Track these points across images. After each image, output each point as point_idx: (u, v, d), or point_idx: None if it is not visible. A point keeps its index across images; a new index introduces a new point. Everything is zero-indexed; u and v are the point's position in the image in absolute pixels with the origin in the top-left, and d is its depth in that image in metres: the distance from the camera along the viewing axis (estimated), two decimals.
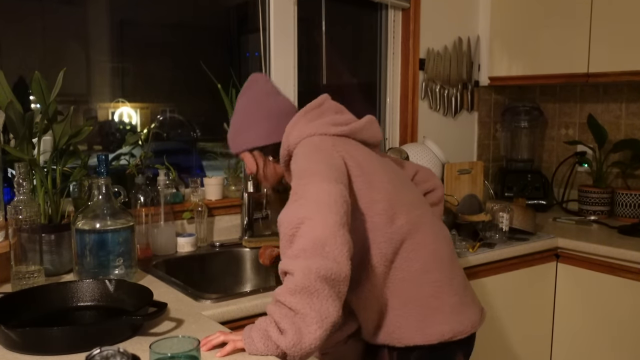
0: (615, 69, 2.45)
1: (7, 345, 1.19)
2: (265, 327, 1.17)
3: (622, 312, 2.20)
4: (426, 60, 2.79)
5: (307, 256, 1.17)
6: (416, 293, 1.45)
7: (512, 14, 2.82)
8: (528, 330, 2.35)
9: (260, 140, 1.59)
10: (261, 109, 1.60)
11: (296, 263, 1.17)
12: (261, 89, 1.63)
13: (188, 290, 1.60)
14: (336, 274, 1.17)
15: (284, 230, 1.25)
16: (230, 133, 1.64)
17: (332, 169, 1.34)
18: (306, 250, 1.18)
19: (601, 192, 2.72)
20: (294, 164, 1.43)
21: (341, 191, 1.28)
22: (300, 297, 1.15)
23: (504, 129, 3.13)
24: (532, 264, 2.31)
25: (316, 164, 1.35)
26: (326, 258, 1.17)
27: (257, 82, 1.65)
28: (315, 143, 1.44)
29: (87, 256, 1.60)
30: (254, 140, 1.59)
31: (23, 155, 1.64)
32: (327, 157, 1.38)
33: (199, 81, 2.32)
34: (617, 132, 2.84)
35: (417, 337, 1.42)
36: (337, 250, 1.18)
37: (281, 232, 1.26)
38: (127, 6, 2.21)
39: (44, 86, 1.68)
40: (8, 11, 1.95)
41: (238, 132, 1.61)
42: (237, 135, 1.61)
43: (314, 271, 1.15)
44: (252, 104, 1.61)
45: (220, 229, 2.24)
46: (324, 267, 1.15)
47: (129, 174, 2.05)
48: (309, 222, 1.21)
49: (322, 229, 1.19)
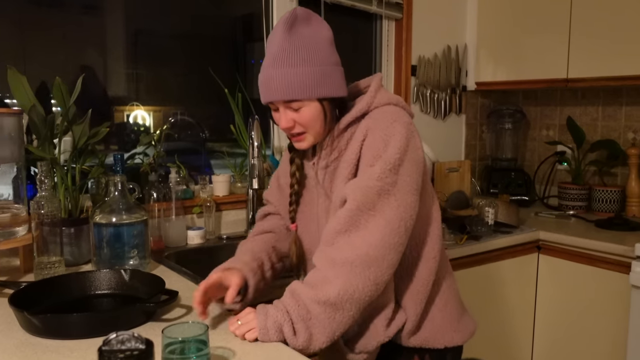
0: (592, 75, 2.44)
1: (30, 330, 1.19)
2: (281, 322, 1.11)
3: (598, 299, 2.20)
4: (417, 67, 2.78)
5: (351, 271, 1.11)
6: (451, 292, 1.37)
7: (497, 24, 2.82)
8: (511, 316, 2.35)
9: (340, 90, 1.25)
10: (334, 53, 1.25)
11: (337, 275, 1.11)
12: (327, 30, 1.26)
13: (197, 280, 1.59)
14: (369, 297, 1.13)
15: (349, 208, 1.14)
16: (295, 72, 1.19)
17: (419, 169, 1.21)
18: (352, 263, 1.11)
19: (579, 188, 2.72)
20: (386, 136, 1.18)
21: (414, 206, 1.18)
22: (325, 309, 1.10)
23: (490, 130, 3.13)
24: (515, 255, 2.31)
25: (410, 163, 1.18)
26: (367, 279, 1.11)
27: (319, 18, 1.27)
28: (409, 124, 1.21)
29: (104, 248, 1.60)
30: (336, 88, 1.24)
31: (45, 154, 1.64)
32: (418, 149, 1.21)
33: (207, 86, 2.31)
34: (594, 133, 2.84)
35: (456, 337, 1.34)
36: (380, 273, 1.12)
37: (346, 207, 1.15)
38: (142, 17, 2.21)
39: (64, 90, 1.67)
40: (33, 21, 1.94)
41: (310, 74, 1.19)
42: (307, 76, 1.19)
43: (350, 293, 1.10)
44: (326, 44, 1.23)
45: (227, 222, 2.23)
46: (361, 290, 1.11)
47: (143, 172, 2.04)
48: (369, 235, 1.13)
49: (375, 249, 1.12)
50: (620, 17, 2.33)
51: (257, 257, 1.35)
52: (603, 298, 2.18)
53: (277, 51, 1.20)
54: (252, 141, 2.04)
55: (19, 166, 1.65)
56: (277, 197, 1.50)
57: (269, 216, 1.53)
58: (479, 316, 2.22)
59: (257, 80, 1.25)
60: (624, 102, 2.73)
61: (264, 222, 1.53)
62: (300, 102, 1.21)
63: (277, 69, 1.20)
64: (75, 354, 1.09)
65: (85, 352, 1.09)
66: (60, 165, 1.69)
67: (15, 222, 1.57)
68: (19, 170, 1.66)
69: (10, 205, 1.62)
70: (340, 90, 1.25)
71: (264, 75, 1.23)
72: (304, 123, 1.24)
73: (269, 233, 1.48)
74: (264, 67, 1.24)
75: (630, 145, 2.68)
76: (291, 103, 1.22)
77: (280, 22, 1.22)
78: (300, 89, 1.19)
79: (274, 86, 1.20)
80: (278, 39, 1.21)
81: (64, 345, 1.12)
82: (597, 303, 2.20)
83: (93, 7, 2.07)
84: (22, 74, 1.63)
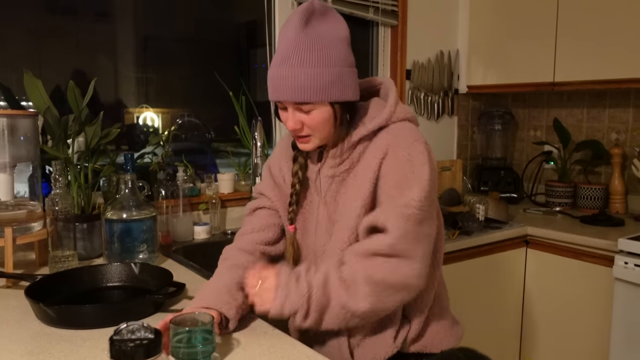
0: (578, 79, 2.44)
1: (45, 320, 1.19)
2: (296, 308, 1.05)
3: (583, 291, 2.20)
4: (412, 71, 2.78)
5: (385, 293, 1.06)
6: (446, 299, 1.34)
7: (487, 30, 2.81)
8: (501, 307, 2.35)
9: (354, 94, 1.14)
10: (350, 53, 1.13)
11: (372, 294, 1.05)
12: (344, 27, 1.13)
13: (204, 273, 1.59)
14: (389, 310, 1.11)
15: (393, 236, 1.06)
16: (308, 72, 1.07)
17: (436, 188, 1.15)
18: (390, 288, 1.06)
19: (565, 186, 2.72)
20: (410, 156, 1.12)
21: (435, 224, 1.15)
22: (345, 314, 1.07)
23: (480, 131, 3.12)
24: (504, 250, 2.30)
25: (435, 185, 1.13)
26: (396, 301, 1.09)
27: (336, 14, 1.14)
28: (426, 143, 1.17)
29: (115, 242, 1.60)
30: (350, 92, 1.12)
31: (59, 154, 1.64)
32: (435, 169, 1.15)
33: (213, 89, 2.31)
34: (579, 134, 2.83)
35: (451, 342, 1.30)
36: (408, 296, 1.10)
37: (389, 235, 1.06)
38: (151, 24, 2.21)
39: (77, 94, 1.67)
40: (47, 29, 1.94)
41: (324, 75, 1.07)
42: (321, 78, 1.07)
43: (377, 311, 1.07)
44: (342, 43, 1.11)
45: (231, 218, 2.23)
46: (387, 309, 1.09)
47: (152, 171, 2.04)
48: (409, 265, 1.07)
49: (412, 279, 1.07)
50: (604, 24, 2.33)
51: (233, 291, 1.18)
52: (587, 290, 2.18)
53: (291, 48, 1.07)
54: (255, 141, 2.04)
55: (35, 165, 1.65)
56: (273, 190, 1.33)
57: (259, 211, 1.36)
58: (470, 307, 2.22)
59: (260, 84, 1.21)
60: (608, 105, 2.73)
61: (252, 218, 1.36)
62: (311, 104, 1.10)
63: (289, 68, 1.07)
64: (88, 343, 1.09)
65: (97, 341, 1.10)
66: (73, 164, 1.69)
67: (31, 218, 1.57)
68: (34, 169, 1.66)
69: (27, 202, 1.63)
70: (354, 94, 1.15)
71: (275, 73, 1.10)
72: (312, 126, 1.13)
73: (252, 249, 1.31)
74: (275, 63, 1.11)
75: (613, 145, 2.68)
76: (302, 105, 1.11)
77: (296, 14, 1.09)
78: (313, 92, 1.07)
79: (285, 85, 1.08)
80: (292, 34, 1.08)
81: (77, 335, 1.13)
82: (582, 294, 2.20)
83: (104, 15, 2.07)
84: (37, 78, 1.63)
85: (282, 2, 2.35)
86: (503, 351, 2.40)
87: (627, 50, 2.27)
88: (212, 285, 1.20)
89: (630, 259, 1.94)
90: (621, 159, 2.59)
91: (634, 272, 1.93)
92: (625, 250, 1.98)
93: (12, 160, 1.57)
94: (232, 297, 1.14)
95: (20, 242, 1.51)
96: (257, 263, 1.22)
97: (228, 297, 1.14)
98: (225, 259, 1.29)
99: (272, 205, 1.34)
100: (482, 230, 2.26)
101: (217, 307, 1.11)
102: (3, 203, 1.57)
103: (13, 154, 1.57)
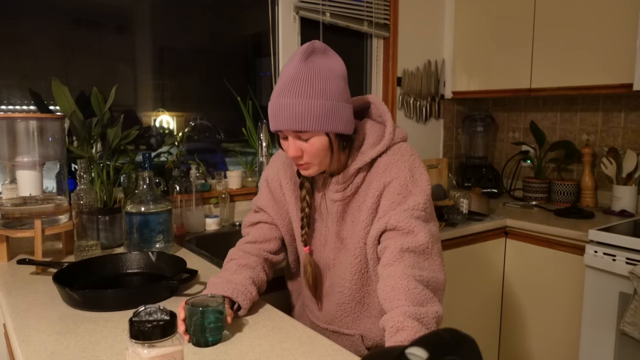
0: (552, 85, 2.44)
1: (71, 303, 1.19)
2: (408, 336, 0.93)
3: (557, 277, 2.20)
4: (402, 78, 2.78)
5: (436, 298, 1.02)
6: None
7: (470, 41, 2.81)
8: (483, 292, 2.36)
9: (349, 128, 1.12)
10: (346, 89, 1.11)
11: (432, 305, 0.99)
12: (341, 66, 1.12)
13: (214, 260, 1.59)
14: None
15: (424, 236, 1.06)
16: (307, 103, 1.04)
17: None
18: (440, 289, 1.06)
19: (541, 182, 2.72)
20: (411, 166, 1.14)
21: (437, 223, 1.16)
22: (430, 320, 0.97)
23: (464, 133, 3.12)
24: (486, 240, 2.31)
25: (430, 189, 1.14)
26: (441, 301, 1.06)
27: (335, 54, 1.13)
28: (419, 156, 1.18)
29: (134, 233, 1.60)
30: (345, 125, 1.10)
31: (84, 153, 1.63)
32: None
33: (222, 95, 2.31)
34: (553, 135, 2.83)
35: None
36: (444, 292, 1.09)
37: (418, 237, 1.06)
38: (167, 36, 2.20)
39: (100, 99, 1.67)
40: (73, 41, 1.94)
41: (322, 107, 1.05)
42: (319, 109, 1.05)
43: (439, 320, 1.02)
44: (340, 79, 1.09)
45: (239, 211, 2.23)
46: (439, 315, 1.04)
47: (168, 168, 2.04)
48: (440, 265, 1.07)
49: (444, 275, 1.08)
50: (576, 36, 2.32)
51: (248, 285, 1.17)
52: (561, 276, 2.19)
53: (292, 79, 1.05)
54: (261, 142, 2.04)
55: (62, 163, 1.65)
56: (273, 207, 1.31)
57: (260, 224, 1.33)
58: (455, 292, 2.22)
59: (265, 90, 1.19)
60: (579, 109, 2.72)
61: (254, 230, 1.32)
62: (309, 133, 1.07)
63: (290, 98, 1.04)
64: (110, 324, 1.09)
65: (118, 322, 1.10)
66: (96, 162, 1.69)
67: (58, 211, 1.57)
68: (61, 167, 1.66)
69: (54, 196, 1.62)
70: (349, 128, 1.11)
71: (276, 104, 1.07)
72: (311, 153, 1.10)
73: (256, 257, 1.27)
74: (275, 94, 1.08)
75: (584, 145, 2.68)
76: (301, 133, 1.08)
77: (298, 52, 1.08)
78: (311, 121, 1.04)
79: (283, 115, 1.05)
80: (294, 67, 1.06)
81: (100, 317, 1.13)
82: (556, 280, 2.21)
83: (124, 28, 2.07)
84: (64, 85, 1.62)
85: (285, 16, 2.35)
86: (484, 332, 2.40)
87: (596, 60, 2.27)
88: (227, 278, 1.17)
89: (600, 248, 1.94)
90: (591, 157, 2.59)
91: (603, 260, 1.93)
92: (595, 240, 1.98)
93: (41, 159, 1.57)
94: (248, 290, 1.14)
95: (48, 232, 1.51)
96: (263, 265, 1.24)
97: (243, 289, 1.13)
98: (232, 258, 1.25)
99: (272, 221, 1.32)
100: (466, 222, 2.26)
101: (234, 296, 1.11)
102: (33, 197, 1.57)
103: (42, 153, 1.57)
